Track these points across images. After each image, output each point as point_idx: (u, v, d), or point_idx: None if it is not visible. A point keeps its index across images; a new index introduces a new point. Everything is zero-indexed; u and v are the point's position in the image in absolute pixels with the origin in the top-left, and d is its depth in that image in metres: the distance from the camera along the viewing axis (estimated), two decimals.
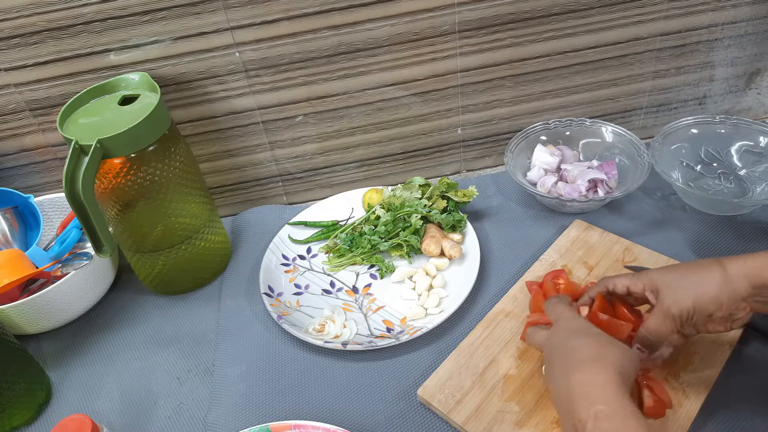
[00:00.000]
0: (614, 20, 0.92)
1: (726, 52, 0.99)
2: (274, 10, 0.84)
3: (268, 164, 1.01)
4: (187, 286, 0.91)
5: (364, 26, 0.87)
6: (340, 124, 0.98)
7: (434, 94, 0.96)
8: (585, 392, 0.50)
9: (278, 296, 0.86)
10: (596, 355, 0.53)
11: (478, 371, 0.72)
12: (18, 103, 0.88)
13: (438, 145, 1.04)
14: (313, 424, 0.65)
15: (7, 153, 0.94)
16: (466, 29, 0.90)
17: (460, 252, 0.87)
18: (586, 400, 0.49)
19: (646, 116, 1.06)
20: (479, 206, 0.97)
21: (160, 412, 0.75)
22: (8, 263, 0.84)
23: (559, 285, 0.78)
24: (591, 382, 0.51)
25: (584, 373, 0.52)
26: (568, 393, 0.51)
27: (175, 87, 0.89)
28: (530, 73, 0.96)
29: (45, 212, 0.96)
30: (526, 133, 0.99)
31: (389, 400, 0.72)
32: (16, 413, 0.74)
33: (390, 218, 0.91)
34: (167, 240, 0.84)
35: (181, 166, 0.80)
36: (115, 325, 0.88)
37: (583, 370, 0.52)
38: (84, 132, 0.74)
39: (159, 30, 0.84)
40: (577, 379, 0.51)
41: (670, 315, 0.59)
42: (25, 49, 0.83)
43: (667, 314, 0.59)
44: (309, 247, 0.95)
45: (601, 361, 0.52)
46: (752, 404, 0.66)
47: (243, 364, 0.79)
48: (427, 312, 0.82)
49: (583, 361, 0.53)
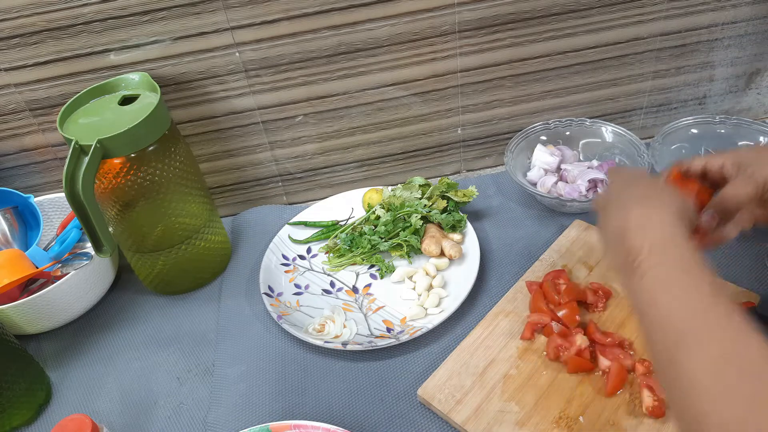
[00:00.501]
0: (614, 20, 0.92)
1: (726, 52, 0.99)
2: (274, 10, 0.84)
3: (268, 164, 1.01)
4: (187, 286, 0.91)
5: (364, 26, 0.87)
6: (340, 124, 0.98)
7: (434, 94, 0.96)
8: (642, 224, 0.50)
9: (278, 296, 0.86)
10: (655, 195, 0.53)
11: (478, 371, 0.72)
12: (18, 103, 0.88)
13: (438, 145, 1.04)
14: (313, 424, 0.65)
15: (7, 153, 0.94)
16: (466, 29, 0.90)
17: (460, 252, 0.87)
18: (642, 231, 0.49)
19: (646, 116, 1.06)
20: (479, 206, 0.97)
21: (160, 412, 0.75)
22: (8, 263, 0.84)
23: (559, 285, 0.78)
24: (648, 215, 0.51)
25: (643, 208, 0.51)
26: (624, 225, 0.51)
27: (175, 87, 0.89)
28: (530, 73, 0.96)
29: (45, 212, 0.96)
30: (526, 133, 0.99)
31: (389, 400, 0.72)
32: (16, 413, 0.74)
33: (390, 218, 0.91)
34: (167, 240, 0.84)
35: (181, 166, 0.80)
36: (115, 325, 0.88)
37: (642, 205, 0.52)
38: (84, 132, 0.74)
39: (159, 30, 0.84)
40: (635, 212, 0.51)
41: (753, 180, 0.57)
42: (25, 49, 0.83)
43: (750, 179, 0.57)
44: (309, 247, 0.95)
45: (660, 200, 0.52)
46: None
47: (243, 364, 0.79)
48: (427, 312, 0.82)
49: (643, 198, 0.53)
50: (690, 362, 0.42)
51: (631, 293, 0.49)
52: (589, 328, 0.73)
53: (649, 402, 0.65)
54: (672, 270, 0.47)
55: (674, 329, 0.44)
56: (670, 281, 0.46)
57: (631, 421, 0.64)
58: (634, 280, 0.48)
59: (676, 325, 0.44)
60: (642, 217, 0.51)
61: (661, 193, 0.54)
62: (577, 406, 0.67)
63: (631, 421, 0.64)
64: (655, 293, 0.46)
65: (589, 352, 0.71)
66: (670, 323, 0.44)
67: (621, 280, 0.51)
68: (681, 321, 0.44)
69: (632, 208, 0.52)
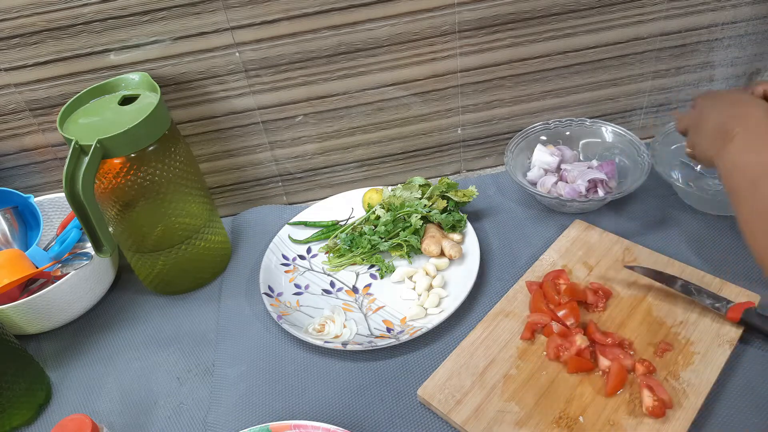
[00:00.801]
0: (614, 20, 0.92)
1: (726, 52, 0.99)
2: (274, 10, 0.84)
3: (268, 164, 1.01)
4: (187, 286, 0.91)
5: (364, 26, 0.87)
6: (340, 124, 0.98)
7: (434, 94, 0.96)
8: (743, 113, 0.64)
9: (278, 296, 0.86)
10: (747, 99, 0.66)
11: (478, 371, 0.72)
12: (18, 103, 0.88)
13: (438, 145, 1.04)
14: (313, 424, 0.65)
15: (7, 153, 0.94)
16: (466, 29, 0.90)
17: (460, 252, 0.87)
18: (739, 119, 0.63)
19: (646, 116, 1.06)
20: (479, 206, 0.97)
21: (160, 412, 0.75)
22: (8, 263, 0.84)
23: (559, 285, 0.78)
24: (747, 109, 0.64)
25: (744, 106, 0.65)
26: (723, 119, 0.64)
27: (175, 87, 0.89)
28: (530, 73, 0.96)
29: (45, 212, 0.96)
30: (526, 133, 0.99)
31: (389, 400, 0.72)
32: (16, 413, 0.74)
33: (390, 218, 0.91)
34: (167, 240, 0.84)
35: (181, 166, 0.80)
36: (115, 325, 0.88)
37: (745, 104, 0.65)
38: (84, 132, 0.74)
39: (159, 30, 0.84)
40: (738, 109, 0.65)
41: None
42: (25, 49, 0.83)
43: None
44: (309, 247, 0.95)
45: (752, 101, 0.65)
46: (752, 404, 0.66)
47: (243, 364, 0.79)
48: (427, 312, 0.82)
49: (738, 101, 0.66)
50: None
51: (721, 162, 0.63)
52: (589, 328, 0.73)
53: (649, 402, 0.65)
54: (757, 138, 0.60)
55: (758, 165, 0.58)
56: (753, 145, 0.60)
57: (631, 421, 0.64)
58: (727, 145, 0.62)
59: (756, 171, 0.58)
60: (739, 112, 0.64)
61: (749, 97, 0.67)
62: (577, 406, 0.67)
63: (631, 421, 0.64)
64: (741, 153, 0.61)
65: (589, 352, 0.71)
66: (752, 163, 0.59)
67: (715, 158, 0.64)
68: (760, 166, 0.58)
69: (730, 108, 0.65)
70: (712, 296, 0.74)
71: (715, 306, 0.73)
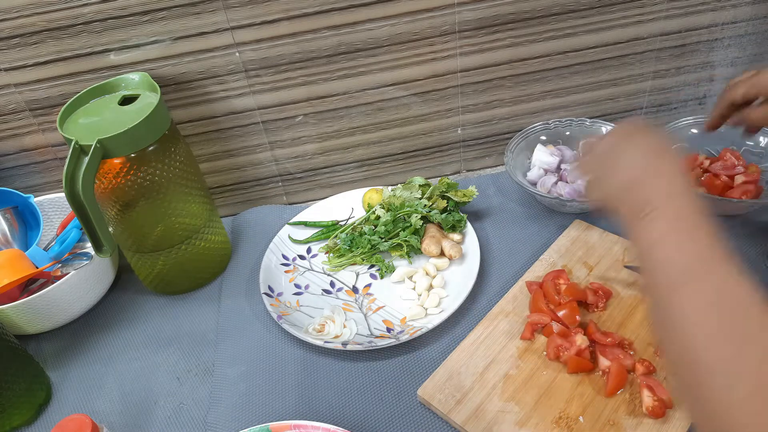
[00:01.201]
0: (614, 20, 0.92)
1: (726, 52, 0.99)
2: (274, 10, 0.84)
3: (268, 164, 1.01)
4: (187, 286, 0.91)
5: (364, 26, 0.87)
6: (340, 124, 0.98)
7: (434, 94, 0.96)
8: (658, 173, 0.52)
9: (278, 296, 0.86)
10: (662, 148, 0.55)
11: (478, 371, 0.72)
12: (18, 103, 0.88)
13: (438, 145, 1.04)
14: (313, 424, 0.65)
15: (7, 153, 0.94)
16: (466, 29, 0.90)
17: (460, 252, 0.87)
18: (654, 180, 0.51)
19: (646, 116, 1.06)
20: (479, 206, 0.97)
21: (160, 412, 0.75)
22: (8, 263, 0.84)
23: (559, 285, 0.78)
24: (663, 168, 0.53)
25: (660, 160, 0.53)
26: (635, 176, 0.53)
27: (175, 87, 0.89)
28: (530, 73, 0.96)
29: (45, 212, 0.96)
30: (526, 133, 0.99)
31: (389, 400, 0.72)
32: (16, 413, 0.74)
33: (390, 218, 0.91)
34: (167, 240, 0.84)
35: (181, 166, 0.80)
36: (115, 325, 0.88)
37: (660, 157, 0.54)
38: (84, 132, 0.74)
39: (159, 30, 0.84)
40: (653, 164, 0.53)
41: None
42: (25, 49, 0.83)
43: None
44: (309, 247, 0.95)
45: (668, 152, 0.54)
46: None
47: (243, 364, 0.79)
48: (427, 312, 0.82)
49: (651, 151, 0.55)
50: (685, 304, 0.44)
51: (636, 238, 0.51)
52: (589, 328, 0.73)
53: (649, 402, 0.65)
54: (678, 217, 0.49)
55: (676, 271, 0.46)
56: (676, 226, 0.48)
57: (631, 421, 0.64)
58: (642, 225, 0.50)
59: (678, 268, 0.46)
60: (654, 169, 0.53)
61: (666, 146, 0.55)
62: (577, 406, 0.67)
63: (631, 421, 0.64)
64: (662, 236, 0.48)
65: (589, 352, 0.71)
66: (671, 265, 0.46)
67: (626, 226, 0.52)
68: (682, 265, 0.46)
69: (642, 161, 0.54)
70: None
71: None
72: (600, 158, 0.59)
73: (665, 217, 0.49)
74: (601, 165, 0.59)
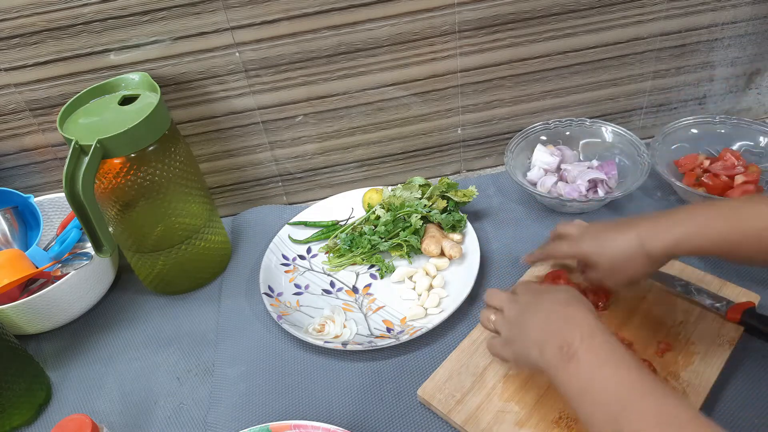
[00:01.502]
0: (614, 20, 0.92)
1: (726, 52, 0.99)
2: (274, 10, 0.84)
3: (268, 164, 1.01)
4: (187, 286, 0.91)
5: (364, 26, 0.87)
6: (340, 124, 0.98)
7: (434, 94, 0.96)
8: (568, 321, 0.56)
9: (278, 296, 0.86)
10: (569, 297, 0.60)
11: (478, 371, 0.72)
12: (18, 103, 0.88)
13: (438, 145, 1.04)
14: (313, 424, 0.65)
15: (7, 153, 0.94)
16: (466, 29, 0.90)
17: (460, 252, 0.87)
18: (571, 326, 0.55)
19: (646, 116, 1.06)
20: (479, 206, 0.97)
21: (160, 412, 0.75)
22: (8, 263, 0.84)
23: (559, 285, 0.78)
24: (573, 314, 0.57)
25: (571, 308, 0.58)
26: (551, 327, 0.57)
27: (175, 87, 0.89)
28: (530, 73, 0.96)
29: (45, 212, 0.96)
30: (526, 133, 0.99)
31: (389, 400, 0.72)
32: (16, 413, 0.74)
33: (390, 218, 0.91)
34: (167, 240, 0.84)
35: (181, 166, 0.80)
36: (115, 325, 0.88)
37: (570, 305, 0.58)
38: (84, 132, 0.74)
39: (159, 30, 0.84)
40: (565, 312, 0.58)
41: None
42: (25, 49, 0.83)
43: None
44: (309, 247, 0.95)
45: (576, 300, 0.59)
46: (752, 404, 0.66)
47: (243, 364, 0.79)
48: (427, 312, 0.82)
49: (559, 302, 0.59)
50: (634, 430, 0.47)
51: (565, 383, 0.53)
52: None
53: None
54: (602, 352, 0.53)
55: (615, 401, 0.49)
56: (602, 362, 0.52)
57: None
58: (570, 368, 0.53)
59: (616, 398, 0.49)
60: (567, 316, 0.57)
61: (572, 295, 0.60)
62: None
63: None
64: (592, 373, 0.52)
65: None
66: (609, 398, 0.50)
67: (552, 375, 0.55)
68: (619, 394, 0.49)
69: (563, 309, 0.58)
70: (712, 296, 0.74)
71: (715, 306, 0.73)
72: (510, 320, 0.63)
73: (590, 354, 0.52)
74: (512, 326, 0.62)
